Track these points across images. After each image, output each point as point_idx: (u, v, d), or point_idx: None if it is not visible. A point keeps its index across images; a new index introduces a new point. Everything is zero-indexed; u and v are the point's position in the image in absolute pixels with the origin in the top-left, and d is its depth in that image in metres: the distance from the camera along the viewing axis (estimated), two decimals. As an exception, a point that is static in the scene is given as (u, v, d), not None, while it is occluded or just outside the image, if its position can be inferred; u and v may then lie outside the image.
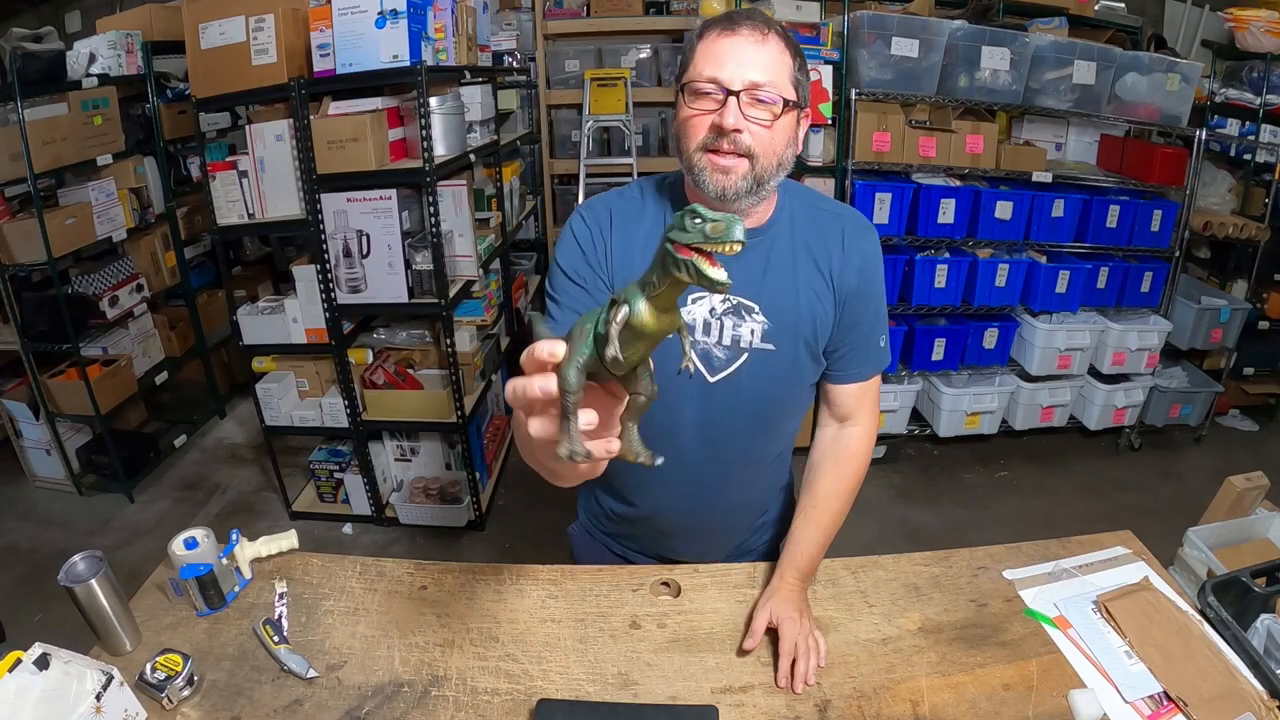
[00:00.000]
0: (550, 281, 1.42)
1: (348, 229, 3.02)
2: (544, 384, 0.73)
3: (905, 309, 3.85)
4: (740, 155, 1.24)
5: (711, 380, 1.38)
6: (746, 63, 1.24)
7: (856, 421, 1.51)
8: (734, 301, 1.37)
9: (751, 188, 1.26)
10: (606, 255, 1.38)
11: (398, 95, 3.07)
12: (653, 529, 1.59)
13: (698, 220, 0.66)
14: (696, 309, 1.37)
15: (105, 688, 1.13)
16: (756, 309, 1.36)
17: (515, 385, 0.76)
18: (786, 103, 1.26)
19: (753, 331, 1.36)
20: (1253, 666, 1.27)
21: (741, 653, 1.33)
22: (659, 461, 0.82)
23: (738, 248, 0.65)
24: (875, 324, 1.45)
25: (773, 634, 1.35)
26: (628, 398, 0.81)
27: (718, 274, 0.66)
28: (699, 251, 0.66)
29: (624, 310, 0.71)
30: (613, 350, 0.72)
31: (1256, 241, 3.95)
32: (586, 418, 0.74)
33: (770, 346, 1.37)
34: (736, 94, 1.22)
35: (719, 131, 1.23)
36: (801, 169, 3.72)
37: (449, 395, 3.30)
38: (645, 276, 0.72)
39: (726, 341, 1.37)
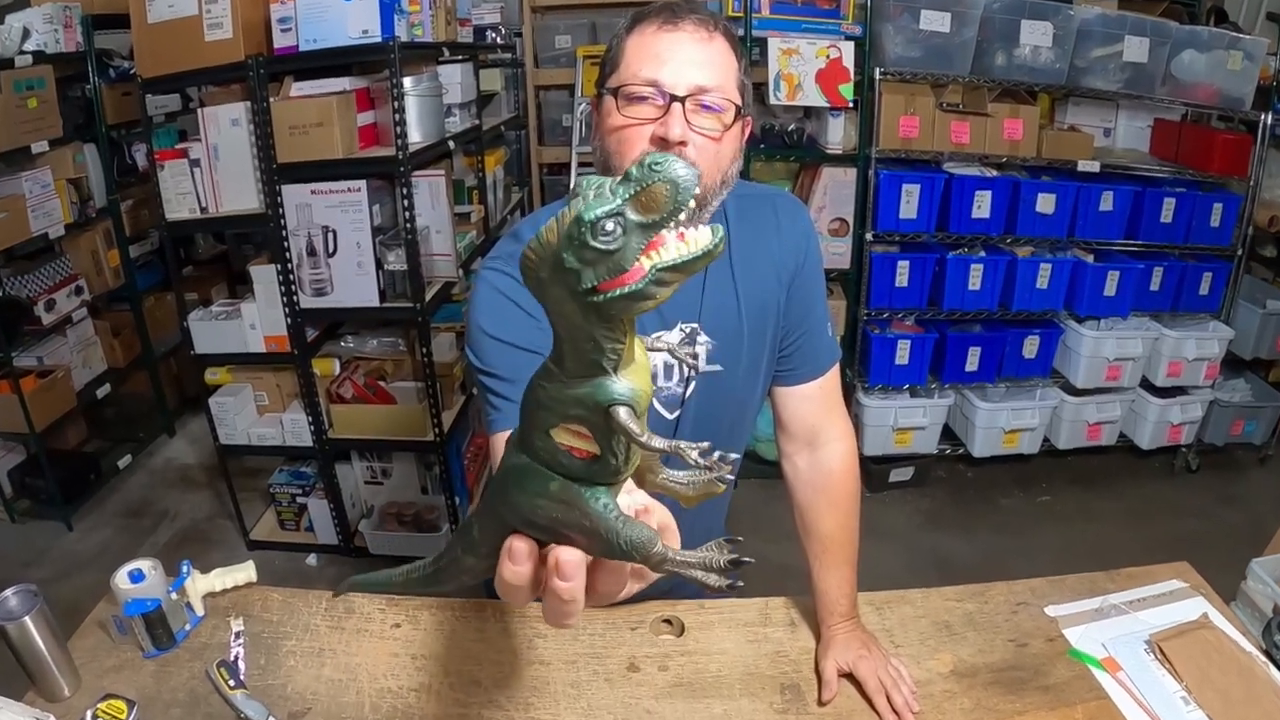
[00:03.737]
0: (482, 358, 1.28)
1: (312, 224, 3.02)
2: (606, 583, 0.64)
3: (936, 314, 3.87)
4: None
5: (670, 417, 1.38)
6: (691, 63, 1.19)
7: (829, 438, 1.48)
8: (687, 329, 1.35)
9: (693, 213, 1.22)
10: None
11: (368, 75, 3.08)
12: None
13: (605, 201, 0.48)
14: (655, 356, 1.32)
15: (41, 738, 1.13)
16: (700, 328, 1.35)
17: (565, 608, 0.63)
18: (737, 110, 1.23)
19: (697, 356, 1.36)
20: (1324, 714, 1.27)
21: (821, 704, 1.35)
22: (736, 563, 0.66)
23: (694, 193, 0.49)
24: (823, 309, 1.45)
25: (852, 679, 1.38)
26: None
27: (700, 240, 0.50)
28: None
29: (623, 412, 0.53)
30: (625, 468, 0.58)
31: (1328, 238, 3.96)
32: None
33: (717, 367, 1.36)
34: (681, 100, 1.18)
35: (661, 145, 1.18)
36: (820, 158, 3.73)
37: (425, 410, 3.31)
38: (588, 346, 0.53)
39: (686, 373, 1.37)
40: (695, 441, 0.57)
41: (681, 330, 1.34)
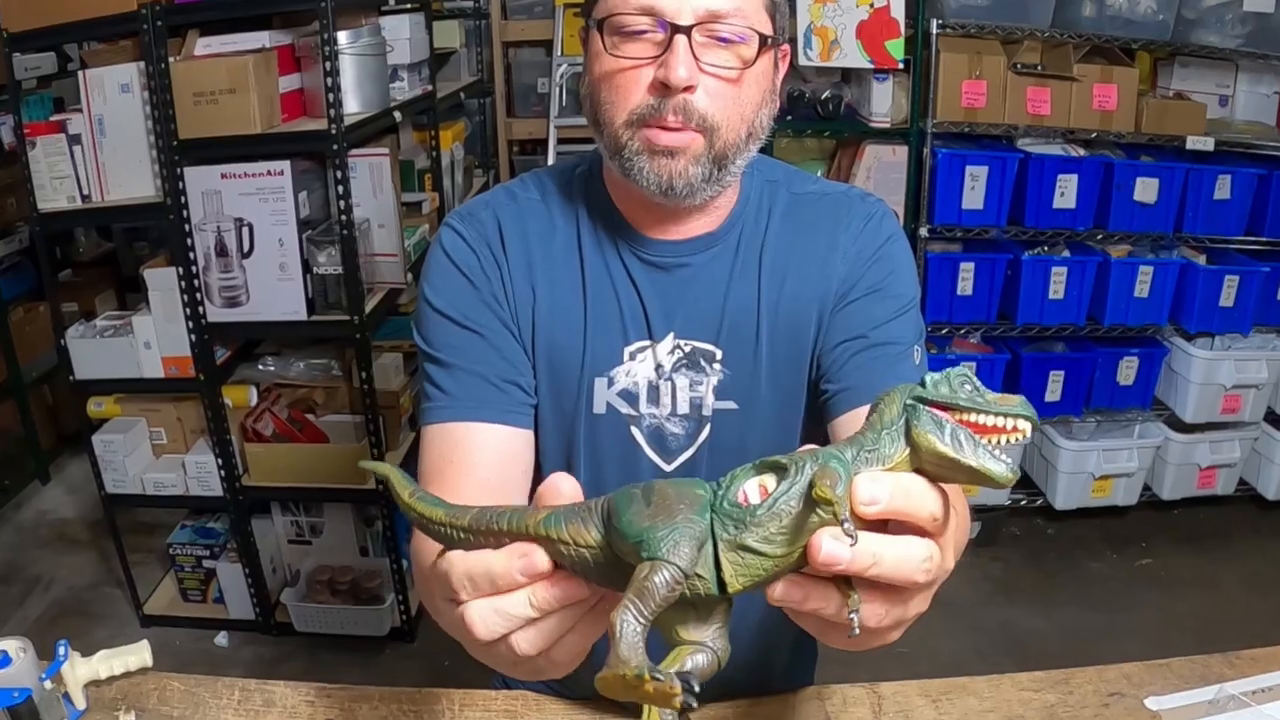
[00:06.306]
0: (425, 335, 1.33)
1: (222, 216, 3.03)
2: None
3: (1008, 329, 3.88)
4: (693, 129, 1.15)
5: (668, 468, 1.35)
6: None
7: None
8: (688, 348, 1.32)
9: (709, 174, 1.18)
10: (503, 285, 1.31)
11: (293, 29, 3.09)
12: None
13: (968, 386, 0.67)
14: (638, 367, 1.32)
15: None
16: (718, 355, 1.32)
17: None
18: (762, 40, 1.16)
19: (712, 389, 1.32)
20: None
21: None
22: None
23: (1025, 436, 0.66)
24: (899, 331, 1.31)
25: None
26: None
27: (1000, 465, 0.64)
28: (966, 421, 0.66)
29: (835, 478, 0.63)
30: (767, 543, 0.66)
31: None
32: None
33: (731, 405, 1.33)
34: (687, 30, 1.11)
35: (662, 92, 1.13)
36: (862, 132, 3.74)
37: (365, 451, 3.31)
38: (862, 440, 0.69)
39: (684, 409, 1.33)
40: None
41: (679, 347, 1.31)
